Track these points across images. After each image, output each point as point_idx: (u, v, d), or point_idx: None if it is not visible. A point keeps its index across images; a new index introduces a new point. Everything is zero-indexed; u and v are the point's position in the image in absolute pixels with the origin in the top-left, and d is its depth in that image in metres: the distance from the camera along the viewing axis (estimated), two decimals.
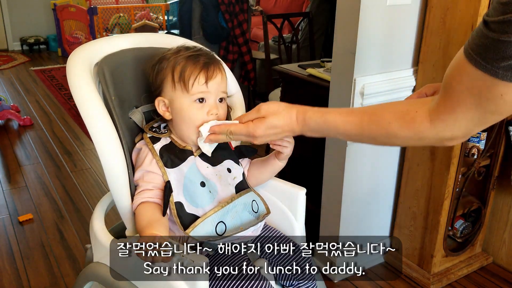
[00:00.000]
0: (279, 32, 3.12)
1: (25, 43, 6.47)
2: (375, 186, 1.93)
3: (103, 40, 1.14)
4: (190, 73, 0.98)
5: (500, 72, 0.60)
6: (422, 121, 0.76)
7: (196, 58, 1.00)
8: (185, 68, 0.98)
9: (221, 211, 1.00)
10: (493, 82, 0.62)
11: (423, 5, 1.69)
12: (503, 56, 0.58)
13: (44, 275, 1.96)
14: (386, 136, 0.81)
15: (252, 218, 1.04)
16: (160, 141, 1.03)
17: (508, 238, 2.02)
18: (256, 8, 5.95)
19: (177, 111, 1.00)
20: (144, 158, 1.01)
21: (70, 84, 0.98)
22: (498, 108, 0.66)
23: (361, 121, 0.83)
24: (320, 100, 1.88)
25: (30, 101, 4.32)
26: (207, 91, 0.99)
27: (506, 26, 0.56)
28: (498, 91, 0.62)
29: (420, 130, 0.76)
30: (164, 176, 0.99)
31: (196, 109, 0.99)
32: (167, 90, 1.01)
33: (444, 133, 0.74)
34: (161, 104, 1.02)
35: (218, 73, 1.01)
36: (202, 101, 0.99)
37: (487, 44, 0.59)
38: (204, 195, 1.00)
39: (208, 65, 0.99)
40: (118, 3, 6.66)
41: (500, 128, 1.82)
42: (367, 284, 1.93)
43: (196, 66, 0.99)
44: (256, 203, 1.07)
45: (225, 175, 1.05)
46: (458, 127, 0.72)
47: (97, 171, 2.92)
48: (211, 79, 0.99)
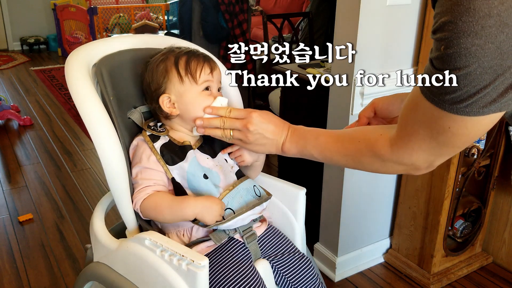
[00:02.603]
0: (279, 32, 3.12)
1: (25, 43, 6.47)
2: (375, 186, 1.93)
3: (101, 41, 1.14)
4: (196, 65, 1.04)
5: (447, 106, 0.62)
6: (383, 144, 0.79)
7: (195, 53, 1.07)
8: (189, 61, 1.04)
9: (227, 197, 1.02)
10: (441, 114, 0.63)
11: (423, 5, 1.69)
12: (446, 91, 0.60)
13: (44, 275, 1.96)
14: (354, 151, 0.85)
15: (257, 202, 1.07)
16: (160, 139, 1.03)
17: (508, 238, 2.02)
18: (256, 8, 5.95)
19: (187, 103, 1.04)
20: (141, 155, 1.02)
21: (69, 85, 0.99)
22: (449, 140, 0.67)
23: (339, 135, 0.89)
24: (320, 100, 1.88)
25: (30, 101, 4.33)
26: (212, 79, 1.05)
27: (442, 62, 0.58)
28: (446, 124, 0.64)
29: (382, 153, 0.80)
30: (167, 173, 1.00)
31: (205, 96, 1.04)
32: (172, 86, 1.04)
33: (403, 160, 0.77)
34: (166, 101, 1.05)
35: (217, 65, 1.09)
36: (208, 89, 1.05)
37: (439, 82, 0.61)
38: (208, 186, 1.02)
39: (209, 58, 1.08)
40: (118, 3, 6.66)
41: (500, 128, 1.82)
42: (367, 284, 1.93)
43: (199, 59, 1.05)
44: (257, 188, 1.10)
45: (224, 164, 1.08)
46: (416, 157, 0.74)
47: (97, 171, 2.92)
48: (214, 69, 1.06)
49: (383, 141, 0.80)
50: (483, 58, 0.54)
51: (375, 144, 0.81)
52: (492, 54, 0.54)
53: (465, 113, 0.60)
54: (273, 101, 2.94)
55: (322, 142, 0.90)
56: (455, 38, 0.55)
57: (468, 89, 0.57)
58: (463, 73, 0.56)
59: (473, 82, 0.56)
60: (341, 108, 1.72)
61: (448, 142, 0.68)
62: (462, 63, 0.56)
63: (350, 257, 1.97)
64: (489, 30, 0.53)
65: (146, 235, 0.94)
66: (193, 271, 0.86)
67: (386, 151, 0.79)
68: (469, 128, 0.63)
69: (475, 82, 0.56)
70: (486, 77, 0.56)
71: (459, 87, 0.58)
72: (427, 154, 0.73)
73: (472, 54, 0.54)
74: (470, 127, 0.63)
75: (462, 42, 0.55)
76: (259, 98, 3.64)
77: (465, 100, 0.59)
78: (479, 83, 0.56)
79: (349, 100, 1.67)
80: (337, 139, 0.88)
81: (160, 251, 0.91)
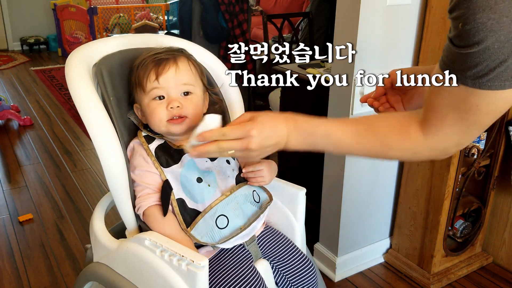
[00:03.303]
0: (279, 32, 3.12)
1: (25, 43, 6.47)
2: (375, 186, 1.93)
3: (101, 41, 1.14)
4: (143, 73, 1.00)
5: (469, 81, 0.63)
6: (416, 135, 0.77)
7: (151, 58, 1.01)
8: (139, 70, 1.01)
9: (222, 203, 1.00)
10: (466, 92, 0.65)
11: (423, 5, 1.69)
12: (468, 66, 0.62)
13: (44, 275, 1.96)
14: (381, 147, 0.81)
15: (254, 209, 1.04)
16: (155, 141, 1.03)
17: (508, 238, 2.02)
18: (256, 8, 5.95)
19: (144, 113, 1.03)
20: (138, 157, 1.01)
21: (69, 85, 0.99)
22: (478, 118, 0.69)
23: (356, 130, 0.82)
24: (320, 100, 1.88)
25: (30, 101, 4.33)
26: (161, 86, 0.99)
27: (461, 39, 0.60)
28: (473, 102, 0.65)
29: (416, 143, 0.78)
30: (161, 175, 1.00)
31: (155, 105, 1.00)
32: (136, 96, 1.04)
33: (437, 146, 0.76)
34: (137, 110, 1.06)
35: (172, 67, 1.00)
36: (162, 98, 1.00)
37: (454, 59, 0.63)
38: (202, 190, 1.00)
39: (160, 61, 1.00)
40: (118, 3, 6.66)
41: (500, 128, 1.82)
42: (367, 284, 1.93)
43: (148, 65, 1.00)
44: (257, 193, 1.07)
45: (224, 167, 1.05)
46: (450, 140, 0.75)
47: (97, 171, 2.92)
48: (161, 74, 0.99)
49: (414, 132, 0.77)
50: (500, 31, 0.57)
51: (407, 138, 0.78)
52: (508, 28, 0.57)
53: (487, 87, 0.62)
54: (273, 101, 2.95)
55: (335, 139, 0.83)
56: (471, 14, 0.58)
57: (488, 63, 0.60)
58: (482, 48, 0.59)
59: (492, 56, 0.59)
60: (341, 108, 1.72)
61: (477, 120, 0.69)
62: (480, 38, 0.58)
63: (350, 257, 1.97)
64: (502, 4, 0.56)
65: (146, 235, 0.94)
66: (193, 271, 0.86)
67: (420, 142, 0.77)
68: (496, 103, 0.65)
69: (494, 56, 0.59)
70: (504, 51, 0.58)
71: (479, 61, 0.60)
72: (458, 137, 0.74)
73: (489, 28, 0.57)
74: (497, 102, 0.65)
75: (478, 18, 0.58)
76: (259, 98, 3.64)
77: (486, 75, 0.61)
78: (498, 57, 0.59)
79: (349, 100, 1.67)
80: (355, 135, 0.82)
81: (160, 252, 0.91)
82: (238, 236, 1.00)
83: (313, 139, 0.84)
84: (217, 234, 0.99)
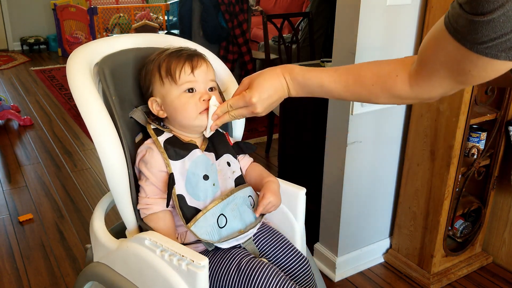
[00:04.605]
0: (279, 32, 3.12)
1: (25, 43, 6.48)
2: (375, 186, 1.93)
3: (102, 40, 1.14)
4: (175, 65, 1.01)
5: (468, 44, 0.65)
6: (402, 85, 0.84)
7: (178, 53, 1.04)
8: (170, 63, 1.02)
9: (221, 203, 1.01)
10: (463, 54, 0.67)
11: (423, 5, 1.69)
12: (469, 30, 0.63)
13: (44, 275, 1.96)
14: (369, 96, 0.89)
15: (250, 212, 1.05)
16: (164, 134, 1.03)
17: (508, 238, 2.02)
18: (256, 8, 5.96)
19: (170, 106, 1.02)
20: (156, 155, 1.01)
21: (70, 84, 0.99)
22: (466, 79, 0.73)
23: (346, 81, 0.90)
24: (320, 100, 1.88)
25: (30, 101, 4.33)
26: (195, 80, 1.02)
27: (471, 6, 0.61)
28: (467, 67, 0.68)
29: (401, 93, 0.84)
30: (168, 168, 0.99)
31: (187, 98, 1.01)
32: (157, 89, 1.04)
33: (422, 95, 0.83)
34: (154, 104, 1.05)
35: (203, 63, 1.04)
36: (192, 91, 1.02)
37: (464, 23, 0.64)
38: (206, 188, 1.01)
39: (192, 57, 1.03)
40: (118, 3, 6.66)
41: (500, 128, 1.82)
42: (367, 284, 1.93)
43: (180, 58, 1.02)
44: (252, 199, 1.08)
45: (225, 168, 1.06)
46: (435, 91, 0.80)
47: (97, 171, 2.92)
48: (196, 68, 1.02)
49: (401, 82, 0.83)
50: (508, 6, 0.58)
51: (394, 87, 0.85)
52: None
53: (484, 54, 0.64)
54: None
55: (328, 90, 0.92)
56: None
57: (489, 33, 0.61)
58: (488, 19, 0.60)
59: (495, 28, 0.60)
60: (341, 108, 1.73)
61: (465, 81, 0.74)
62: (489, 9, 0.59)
63: (350, 257, 1.97)
64: None
65: (146, 235, 0.94)
66: (193, 271, 0.86)
67: (406, 91, 0.83)
68: (487, 71, 0.67)
69: (497, 29, 0.60)
70: (508, 25, 0.59)
71: (482, 30, 0.61)
72: (443, 91, 0.79)
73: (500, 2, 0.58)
74: (488, 70, 0.67)
75: None
76: None
77: (486, 42, 0.62)
78: (501, 29, 0.60)
79: (349, 101, 1.67)
80: (345, 86, 0.90)
81: (160, 251, 0.91)
82: (236, 238, 1.01)
83: (309, 89, 0.95)
84: (217, 233, 0.99)
